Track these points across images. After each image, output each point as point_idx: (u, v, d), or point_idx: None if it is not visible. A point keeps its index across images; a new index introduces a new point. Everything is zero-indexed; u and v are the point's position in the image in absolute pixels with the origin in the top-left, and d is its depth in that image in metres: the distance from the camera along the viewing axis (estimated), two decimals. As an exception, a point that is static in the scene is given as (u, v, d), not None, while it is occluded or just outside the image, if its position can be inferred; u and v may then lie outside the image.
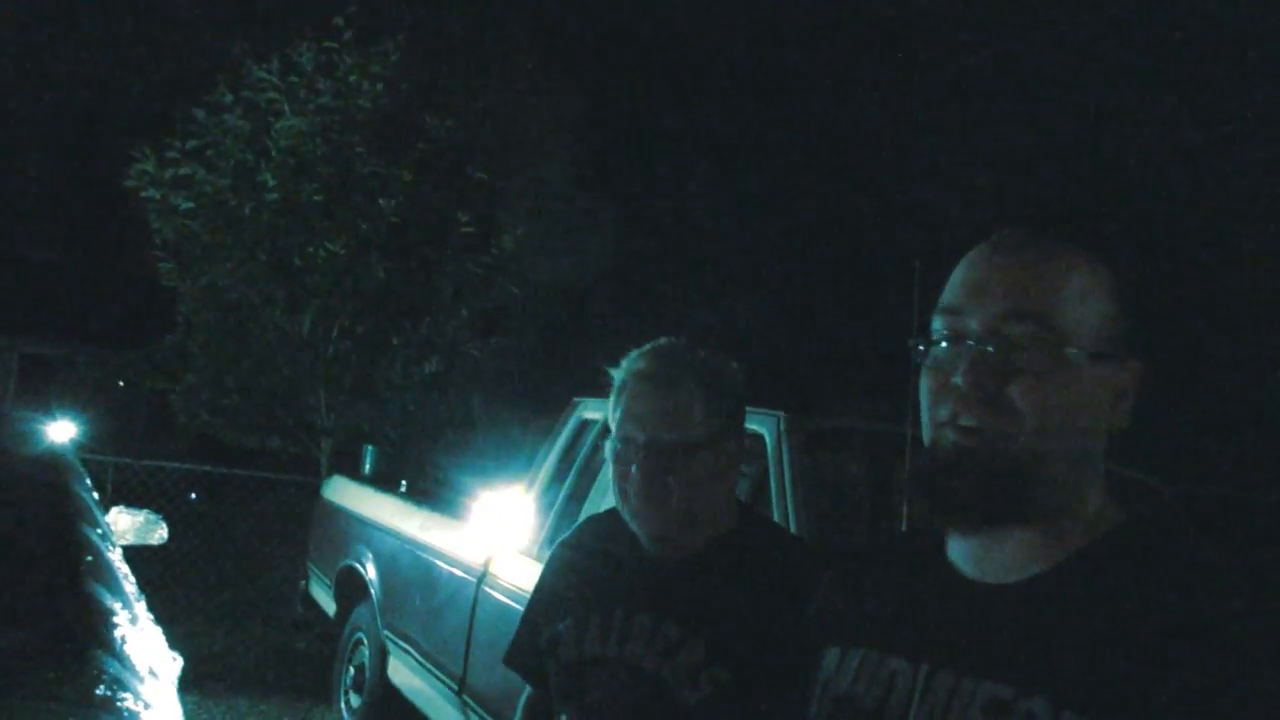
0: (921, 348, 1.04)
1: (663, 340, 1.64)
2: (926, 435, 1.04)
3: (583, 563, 1.71)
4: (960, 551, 1.05)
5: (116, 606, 2.24)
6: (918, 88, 10.67)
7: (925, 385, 1.04)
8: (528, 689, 1.83)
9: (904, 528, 2.74)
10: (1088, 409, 0.98)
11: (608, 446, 1.61)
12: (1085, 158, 9.27)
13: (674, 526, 1.56)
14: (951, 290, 1.03)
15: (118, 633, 2.13)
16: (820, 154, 12.20)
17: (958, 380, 0.98)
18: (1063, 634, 0.92)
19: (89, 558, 2.40)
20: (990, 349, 0.97)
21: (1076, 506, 0.99)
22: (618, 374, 1.62)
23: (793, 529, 2.90)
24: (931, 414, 1.03)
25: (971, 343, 0.99)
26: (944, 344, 1.02)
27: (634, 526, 1.60)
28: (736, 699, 1.46)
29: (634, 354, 1.61)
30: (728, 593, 1.54)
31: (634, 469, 1.53)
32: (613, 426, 1.60)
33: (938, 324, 1.03)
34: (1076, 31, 9.43)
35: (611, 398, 1.62)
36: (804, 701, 1.14)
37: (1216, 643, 0.85)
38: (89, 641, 2.04)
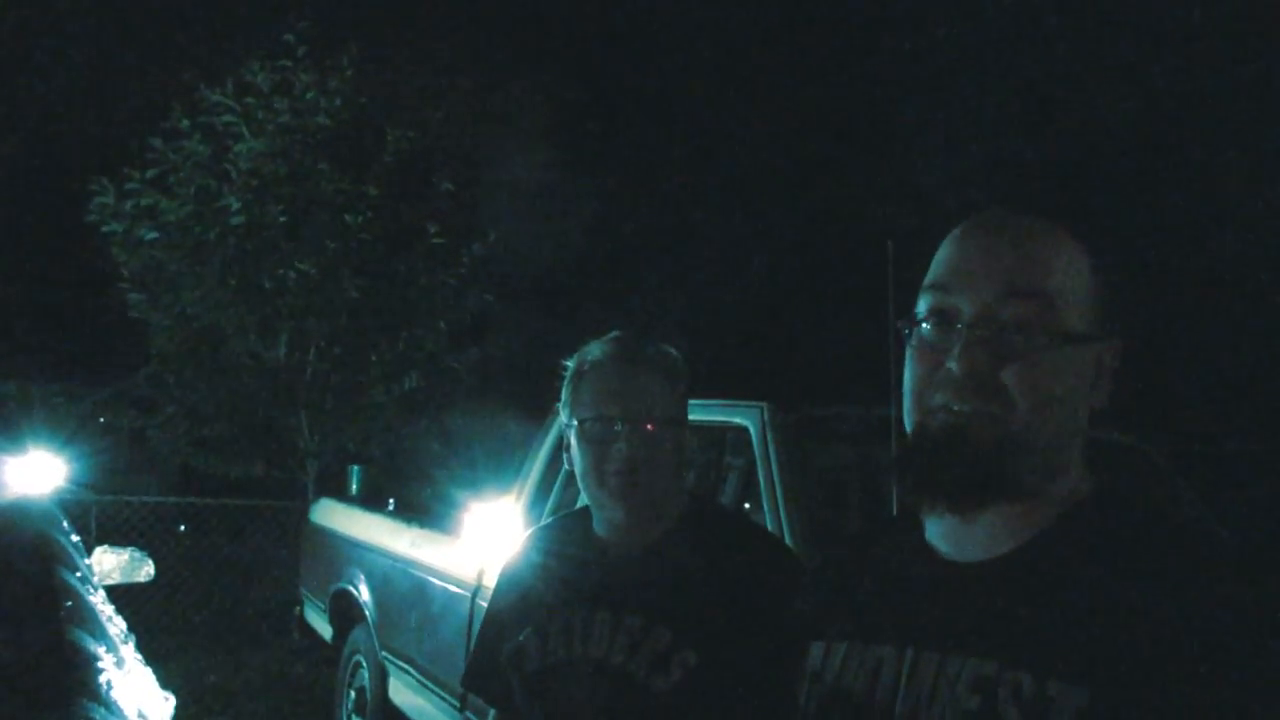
0: (908, 330, 1.02)
1: (616, 332, 1.66)
2: (911, 417, 1.02)
3: (534, 572, 1.70)
4: (938, 532, 1.04)
5: (101, 651, 2.19)
6: (894, 69, 10.67)
7: (913, 368, 1.02)
8: (492, 713, 1.80)
9: (894, 513, 2.73)
10: (1075, 389, 0.98)
11: (574, 432, 1.61)
12: (1060, 137, 9.30)
13: (650, 507, 1.58)
14: (938, 267, 1.01)
15: (103, 679, 2.08)
16: (794, 140, 12.19)
17: (952, 366, 0.96)
18: (1041, 606, 0.92)
19: (69, 603, 2.34)
20: (986, 334, 0.95)
21: (1056, 482, 0.99)
22: (573, 362, 1.64)
23: (783, 520, 2.88)
24: (918, 397, 1.00)
25: (962, 326, 0.97)
26: (931, 324, 1.00)
27: (607, 511, 1.60)
28: (707, 681, 1.46)
29: (592, 344, 1.64)
30: (686, 577, 1.54)
31: (616, 448, 1.55)
32: (578, 412, 1.60)
33: (924, 303, 1.01)
34: (1051, 11, 9.46)
35: (568, 387, 1.64)
36: (789, 693, 1.14)
37: (1190, 604, 0.85)
38: (73, 691, 1.98)
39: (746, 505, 3.51)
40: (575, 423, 1.60)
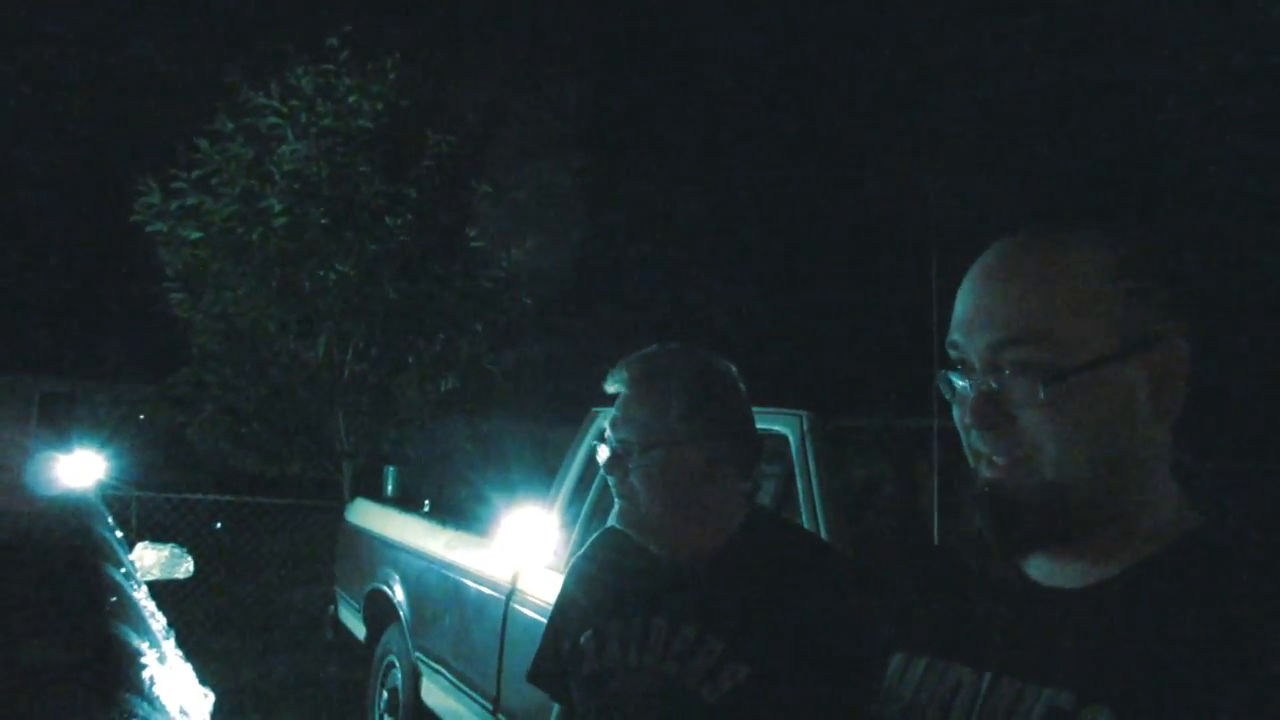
0: (942, 381, 1.02)
1: (652, 347, 1.65)
2: (969, 458, 1.02)
3: (600, 574, 1.72)
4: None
5: (144, 647, 2.22)
6: (921, 70, 10.61)
7: (956, 414, 1.02)
8: (556, 707, 1.81)
9: (935, 525, 2.70)
10: (1120, 413, 0.92)
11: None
12: (1097, 130, 9.18)
13: (668, 530, 1.57)
14: (954, 320, 1.00)
15: (146, 674, 2.10)
16: (827, 144, 12.15)
17: (968, 421, 0.96)
18: (1129, 642, 0.89)
19: (113, 599, 2.37)
20: (989, 385, 0.94)
21: (1141, 509, 0.95)
22: (609, 386, 1.66)
23: (821, 528, 2.86)
24: (966, 441, 1.01)
25: (967, 382, 0.97)
26: (956, 377, 1.00)
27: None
28: (757, 694, 1.46)
29: (621, 363, 1.64)
30: (742, 590, 1.54)
31: (617, 476, 1.58)
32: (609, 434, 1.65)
33: (950, 353, 1.01)
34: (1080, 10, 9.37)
35: None
36: (866, 703, 1.12)
37: None
38: (117, 685, 2.01)
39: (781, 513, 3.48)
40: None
